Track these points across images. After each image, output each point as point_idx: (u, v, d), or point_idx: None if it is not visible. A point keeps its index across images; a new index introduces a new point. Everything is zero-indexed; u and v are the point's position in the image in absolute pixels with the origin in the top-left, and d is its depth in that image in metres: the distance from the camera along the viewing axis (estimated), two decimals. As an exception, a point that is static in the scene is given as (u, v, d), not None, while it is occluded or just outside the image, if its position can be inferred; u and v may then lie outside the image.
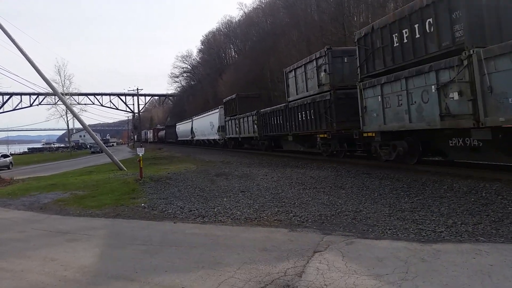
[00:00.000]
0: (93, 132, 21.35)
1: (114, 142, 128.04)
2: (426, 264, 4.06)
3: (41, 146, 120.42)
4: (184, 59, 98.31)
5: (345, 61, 14.70)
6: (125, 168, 17.91)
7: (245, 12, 75.67)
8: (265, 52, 51.35)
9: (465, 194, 7.43)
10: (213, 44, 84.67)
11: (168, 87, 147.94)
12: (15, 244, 5.98)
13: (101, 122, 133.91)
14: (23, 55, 18.11)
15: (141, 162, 13.22)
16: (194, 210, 7.58)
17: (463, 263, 4.03)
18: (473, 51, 8.20)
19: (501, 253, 4.28)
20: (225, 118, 32.97)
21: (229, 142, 33.24)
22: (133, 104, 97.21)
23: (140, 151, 14.12)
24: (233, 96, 31.33)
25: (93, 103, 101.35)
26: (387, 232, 5.36)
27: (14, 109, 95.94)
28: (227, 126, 32.55)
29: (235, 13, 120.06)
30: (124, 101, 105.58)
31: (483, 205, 6.50)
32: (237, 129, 29.21)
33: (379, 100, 11.48)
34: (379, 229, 5.52)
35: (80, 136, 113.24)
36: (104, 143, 26.81)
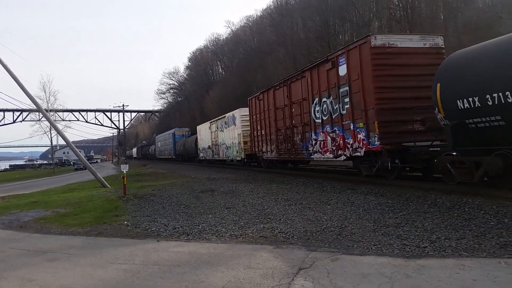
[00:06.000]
0: (76, 149, 21.05)
1: (98, 158, 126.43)
2: (411, 280, 4.06)
3: (24, 163, 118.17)
4: (171, 76, 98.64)
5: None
6: (108, 185, 17.66)
7: (232, 30, 76.65)
8: (252, 69, 51.91)
9: (449, 209, 7.50)
10: (201, 61, 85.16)
11: (154, 103, 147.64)
12: (-9, 264, 5.78)
13: (86, 139, 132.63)
14: (7, 71, 17.91)
15: (125, 179, 13.05)
16: (178, 228, 7.47)
17: (446, 278, 4.04)
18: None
19: (483, 267, 4.31)
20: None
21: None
22: (118, 120, 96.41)
23: (124, 168, 13.95)
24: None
25: (78, 119, 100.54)
26: (371, 248, 5.35)
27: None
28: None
29: (223, 31, 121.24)
30: (110, 117, 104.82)
31: (466, 220, 6.57)
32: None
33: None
34: (364, 245, 5.52)
35: (64, 153, 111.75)
36: (88, 160, 26.46)
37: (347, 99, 12.71)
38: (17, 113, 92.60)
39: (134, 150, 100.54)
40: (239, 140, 24.82)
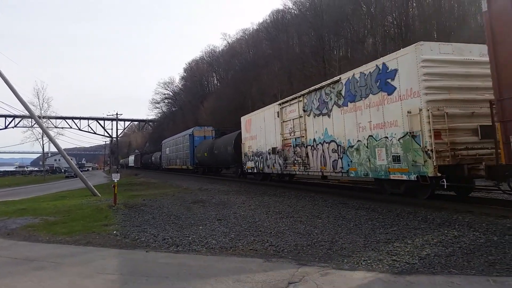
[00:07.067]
0: (68, 156, 20.88)
1: (90, 167, 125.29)
2: (399, 296, 4.05)
3: (14, 169, 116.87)
4: (166, 86, 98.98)
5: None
6: (99, 194, 17.50)
7: (228, 42, 77.27)
8: (247, 81, 52.17)
9: (439, 226, 7.53)
10: (196, 72, 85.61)
11: (148, 113, 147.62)
12: (-24, 272, 5.67)
13: (78, 146, 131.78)
14: (0, 76, 17.81)
15: (116, 188, 12.94)
16: (168, 239, 7.41)
17: (435, 295, 4.04)
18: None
19: (472, 285, 4.32)
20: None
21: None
22: (111, 129, 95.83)
23: (115, 177, 13.85)
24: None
25: (71, 127, 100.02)
26: (361, 263, 5.34)
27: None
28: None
29: (219, 43, 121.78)
30: (103, 125, 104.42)
31: (456, 237, 6.59)
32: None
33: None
34: (354, 260, 5.51)
35: (55, 160, 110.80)
36: (79, 168, 26.23)
37: None
38: (9, 119, 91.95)
39: (131, 158, 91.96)
40: (412, 127, 9.58)
